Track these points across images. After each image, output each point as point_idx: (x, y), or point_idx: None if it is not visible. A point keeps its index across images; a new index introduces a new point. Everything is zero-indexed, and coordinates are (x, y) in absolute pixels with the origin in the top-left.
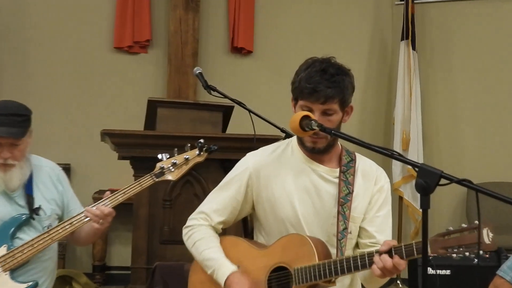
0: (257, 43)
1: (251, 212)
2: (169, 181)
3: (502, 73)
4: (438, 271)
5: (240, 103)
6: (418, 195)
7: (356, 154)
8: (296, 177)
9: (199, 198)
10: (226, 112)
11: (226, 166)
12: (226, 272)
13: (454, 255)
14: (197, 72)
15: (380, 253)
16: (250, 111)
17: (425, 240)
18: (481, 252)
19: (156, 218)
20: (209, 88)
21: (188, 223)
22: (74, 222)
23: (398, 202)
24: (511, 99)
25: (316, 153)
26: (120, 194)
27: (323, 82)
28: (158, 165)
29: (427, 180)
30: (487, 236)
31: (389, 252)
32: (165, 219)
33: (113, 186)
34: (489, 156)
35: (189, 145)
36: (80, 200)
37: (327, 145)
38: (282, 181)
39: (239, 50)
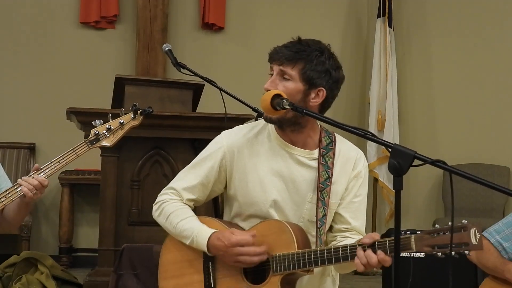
0: (228, 19)
1: (223, 192)
2: (105, 147)
3: (480, 52)
4: (412, 254)
5: (210, 81)
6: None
7: (336, 135)
8: (271, 160)
9: (168, 178)
10: (196, 91)
11: (196, 146)
12: (206, 235)
13: (439, 253)
14: (166, 49)
15: (363, 246)
16: (221, 89)
17: (397, 221)
18: (467, 252)
19: (124, 199)
20: (178, 65)
21: (158, 198)
22: (9, 195)
23: (373, 184)
24: (489, 79)
25: (292, 124)
26: (55, 163)
27: (290, 46)
28: (93, 131)
29: (400, 161)
30: (474, 236)
31: (372, 246)
32: (133, 200)
33: (80, 167)
34: (465, 137)
35: (123, 109)
36: None
37: (304, 119)
38: (256, 163)
39: (210, 27)
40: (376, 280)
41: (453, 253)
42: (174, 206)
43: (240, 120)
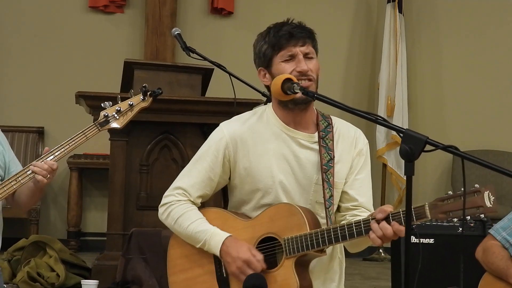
0: (237, 3)
1: (227, 182)
2: (115, 128)
3: (490, 37)
4: (422, 240)
5: (220, 66)
6: (402, 162)
7: (332, 117)
8: (274, 145)
9: (177, 162)
10: (206, 75)
11: (205, 130)
12: (220, 239)
13: (455, 219)
14: (176, 33)
15: (377, 220)
16: (230, 74)
17: (409, 207)
18: (482, 215)
19: (133, 184)
20: (188, 49)
21: (164, 200)
22: (20, 178)
23: (382, 170)
24: (499, 64)
25: (306, 103)
26: (65, 146)
27: (295, 27)
28: (102, 113)
29: (412, 146)
30: (488, 199)
31: (386, 219)
32: (141, 184)
33: (88, 151)
34: (474, 123)
35: (132, 90)
36: None
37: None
38: (259, 150)
39: (219, 11)
40: (384, 266)
41: (468, 217)
42: (182, 209)
43: (250, 104)
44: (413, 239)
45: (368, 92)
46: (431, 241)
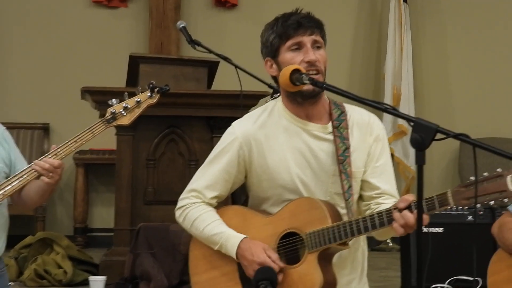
0: None
1: (243, 182)
2: (122, 125)
3: (496, 25)
4: (431, 229)
5: (225, 58)
6: (409, 152)
7: (345, 104)
8: (288, 139)
9: (184, 156)
10: (211, 68)
11: (212, 123)
12: (236, 242)
13: (479, 205)
14: (181, 26)
15: (399, 209)
16: (236, 66)
17: (420, 196)
18: (506, 200)
19: (140, 179)
20: (193, 42)
21: (180, 203)
22: (25, 176)
23: None
24: (504, 52)
25: (314, 96)
26: (72, 143)
27: (303, 17)
28: (109, 110)
29: (423, 134)
30: (511, 183)
31: (408, 208)
32: (148, 179)
33: (94, 146)
34: (481, 111)
35: (139, 87)
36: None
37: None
38: (274, 145)
39: (224, 4)
40: (393, 256)
41: (492, 202)
42: (198, 211)
43: (256, 97)
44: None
45: (374, 82)
46: (441, 230)
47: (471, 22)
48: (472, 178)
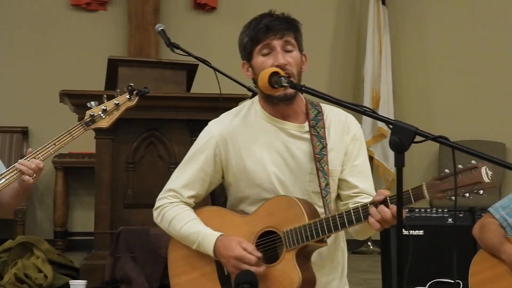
0: None
1: (221, 182)
2: (101, 128)
3: (474, 27)
4: (411, 232)
5: (204, 61)
6: (389, 154)
7: (322, 104)
8: (265, 139)
9: (164, 159)
10: (190, 71)
11: (191, 126)
12: (212, 240)
13: (453, 198)
14: (160, 29)
15: (375, 204)
16: (215, 69)
17: (400, 199)
18: (481, 191)
19: (119, 182)
20: (172, 45)
21: (158, 203)
22: (8, 177)
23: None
24: (484, 55)
25: (288, 100)
26: (50, 146)
27: (275, 19)
28: (88, 112)
29: (402, 137)
30: (486, 174)
31: (384, 202)
32: (128, 182)
33: (74, 150)
34: (460, 113)
35: (118, 90)
36: None
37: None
38: (250, 145)
39: (202, 7)
40: (374, 258)
41: (467, 194)
42: (176, 210)
43: (235, 99)
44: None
45: (353, 84)
46: (421, 232)
47: (450, 24)
48: (447, 170)
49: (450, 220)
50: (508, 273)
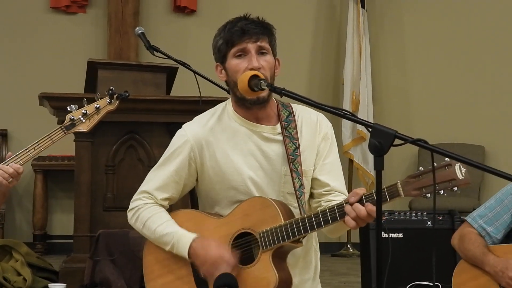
0: (200, 2)
1: (195, 185)
2: (81, 132)
3: (453, 31)
4: (390, 235)
5: (184, 64)
6: (369, 157)
7: (292, 105)
8: (238, 142)
9: (143, 163)
10: (170, 74)
11: (171, 129)
12: (187, 241)
13: (429, 195)
14: (139, 32)
15: (350, 203)
16: (195, 72)
17: (379, 201)
18: (455, 188)
19: (99, 185)
20: (152, 48)
21: (132, 205)
22: None
23: (348, 165)
24: (463, 58)
25: (260, 103)
26: (30, 150)
27: (250, 23)
28: (68, 116)
29: (381, 140)
30: (459, 171)
31: (360, 201)
32: (108, 185)
33: (53, 153)
34: (439, 116)
35: (98, 94)
36: None
37: (268, 94)
38: (225, 148)
39: (182, 9)
40: (354, 261)
41: (441, 191)
42: (150, 212)
43: (215, 102)
44: (382, 234)
45: (332, 87)
46: (400, 235)
47: (429, 28)
48: (421, 168)
49: (429, 223)
50: (491, 283)
